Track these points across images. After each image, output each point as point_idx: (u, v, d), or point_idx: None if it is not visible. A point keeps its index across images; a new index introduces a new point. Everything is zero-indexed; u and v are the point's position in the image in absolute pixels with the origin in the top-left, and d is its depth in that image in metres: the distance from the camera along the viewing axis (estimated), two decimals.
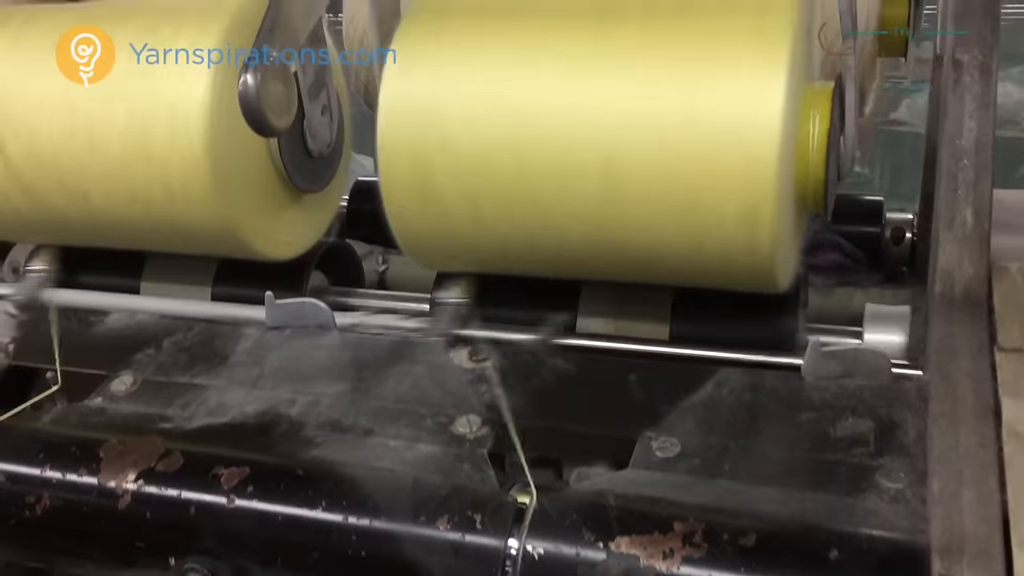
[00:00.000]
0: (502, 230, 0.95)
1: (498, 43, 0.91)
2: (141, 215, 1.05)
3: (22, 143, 1.05)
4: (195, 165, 0.99)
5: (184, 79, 0.99)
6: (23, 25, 1.08)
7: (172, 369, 1.02)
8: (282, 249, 1.12)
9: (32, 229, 1.15)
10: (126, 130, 1.00)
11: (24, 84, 1.05)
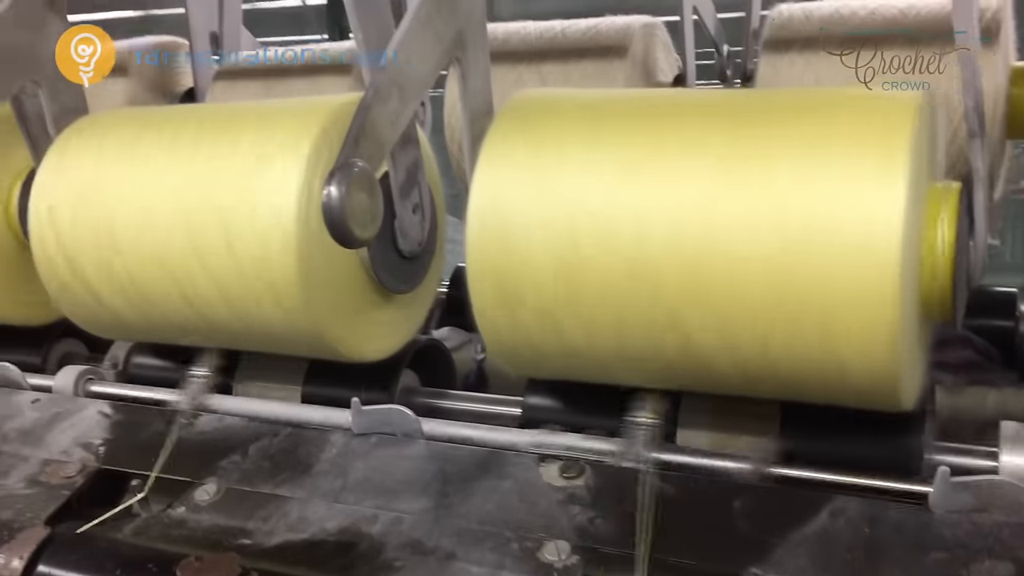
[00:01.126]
0: (591, 343, 0.89)
1: (594, 148, 0.87)
2: (234, 317, 1.04)
3: (133, 244, 1.05)
4: (285, 270, 0.97)
5: (275, 185, 0.98)
6: (140, 128, 1.10)
7: (256, 478, 0.99)
8: (373, 350, 1.10)
9: (136, 327, 1.15)
10: (223, 233, 1.00)
11: (138, 186, 1.05)
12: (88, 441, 1.09)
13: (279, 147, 0.99)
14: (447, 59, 0.95)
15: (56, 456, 1.07)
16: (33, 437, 1.11)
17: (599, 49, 1.63)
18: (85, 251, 1.07)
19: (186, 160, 1.03)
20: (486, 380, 1.69)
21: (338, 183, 0.80)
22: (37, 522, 0.95)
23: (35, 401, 1.19)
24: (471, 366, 1.69)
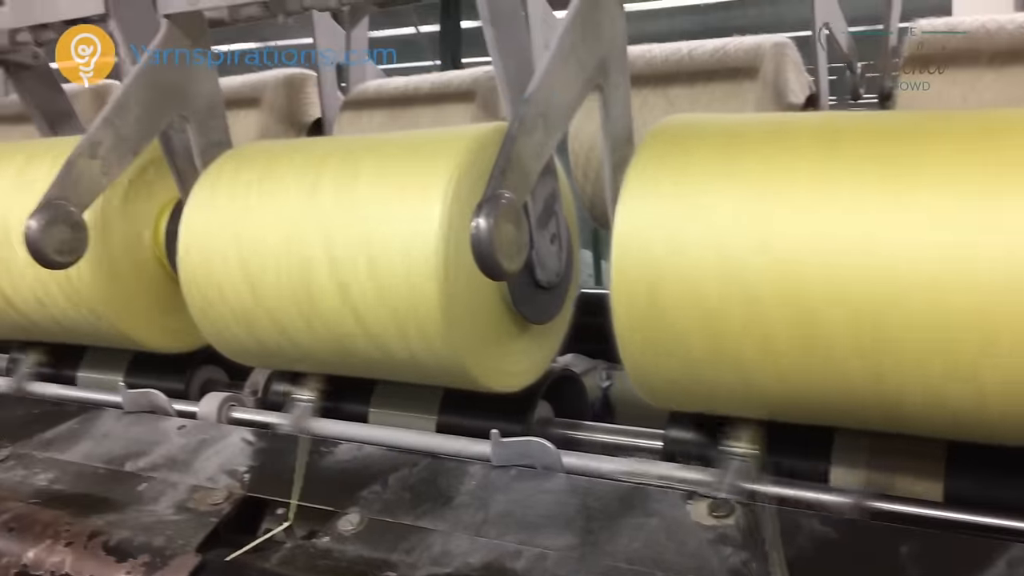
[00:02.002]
0: (748, 375, 0.86)
1: (750, 175, 0.84)
2: (375, 347, 1.04)
3: (276, 274, 1.07)
4: (427, 301, 0.98)
5: (417, 216, 0.98)
6: (283, 161, 1.12)
7: (397, 509, 0.99)
8: (510, 381, 1.09)
9: (279, 355, 1.17)
10: (366, 264, 1.01)
11: (281, 218, 1.07)
12: (233, 468, 1.11)
13: (421, 178, 1.00)
14: (589, 87, 0.94)
15: (203, 483, 1.10)
16: (181, 463, 1.14)
17: (728, 71, 1.59)
18: (231, 281, 1.10)
19: (328, 192, 1.05)
20: (612, 408, 1.67)
21: (487, 215, 0.79)
22: (188, 549, 0.97)
23: (181, 427, 1.22)
24: (596, 394, 1.66)
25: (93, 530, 1.02)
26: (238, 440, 1.17)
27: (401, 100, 1.90)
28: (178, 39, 1.17)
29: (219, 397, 1.24)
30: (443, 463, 1.05)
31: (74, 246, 1.06)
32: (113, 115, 1.11)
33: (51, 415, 1.31)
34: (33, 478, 1.17)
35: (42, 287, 1.24)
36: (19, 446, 1.24)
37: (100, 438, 1.24)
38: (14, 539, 1.04)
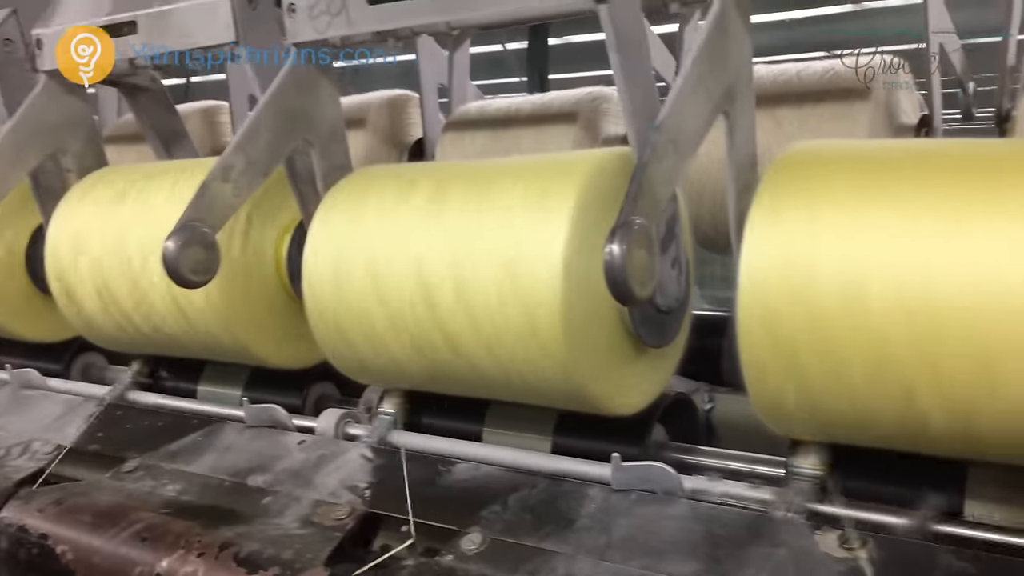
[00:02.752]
0: (881, 405, 0.85)
1: (884, 206, 0.83)
2: (497, 368, 1.06)
3: (396, 295, 1.09)
4: (551, 324, 0.99)
5: (542, 241, 0.99)
6: (404, 185, 1.15)
7: (519, 530, 1.00)
8: (627, 404, 1.09)
9: (398, 375, 1.20)
10: (491, 287, 1.02)
11: (404, 241, 1.10)
12: (354, 484, 1.14)
13: (544, 202, 1.01)
14: (717, 113, 0.94)
15: (326, 498, 1.12)
16: (302, 478, 1.17)
17: (839, 92, 1.57)
18: (357, 302, 1.13)
19: (453, 216, 1.07)
20: (715, 431, 1.65)
21: (620, 241, 0.80)
22: (317, 563, 0.99)
23: (301, 442, 1.25)
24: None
25: (224, 541, 1.05)
26: (357, 456, 1.20)
27: (503, 121, 1.92)
28: (305, 66, 1.21)
29: (336, 413, 1.27)
30: (562, 485, 1.06)
31: (208, 266, 1.11)
32: (244, 140, 1.16)
33: (175, 427, 1.36)
34: (161, 489, 1.21)
35: (174, 305, 1.29)
36: (146, 457, 1.29)
37: (223, 451, 1.28)
38: (147, 549, 1.08)
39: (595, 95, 1.87)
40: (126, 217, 1.35)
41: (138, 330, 1.38)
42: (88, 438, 1.38)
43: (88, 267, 1.37)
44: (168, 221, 1.30)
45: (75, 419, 1.45)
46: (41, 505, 1.20)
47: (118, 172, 1.48)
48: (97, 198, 1.41)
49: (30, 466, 1.33)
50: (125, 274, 1.33)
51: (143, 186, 1.37)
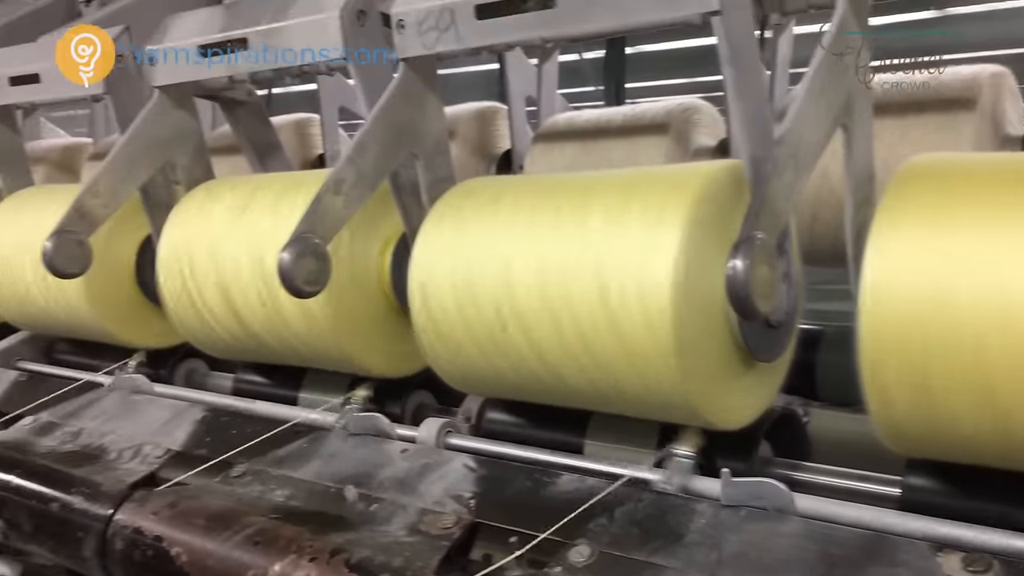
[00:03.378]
0: (1009, 425, 0.83)
1: (1018, 217, 0.81)
2: (604, 381, 1.06)
3: (504, 306, 1.10)
4: (662, 339, 0.98)
5: (653, 253, 0.99)
6: (511, 198, 1.16)
7: (627, 543, 1.00)
8: (734, 418, 1.08)
9: (499, 385, 1.20)
10: (599, 301, 1.02)
11: (510, 254, 1.11)
12: (458, 493, 1.15)
13: (656, 215, 1.01)
14: (836, 126, 0.93)
15: (430, 506, 1.14)
16: (407, 486, 1.19)
17: (942, 102, 1.54)
18: (460, 314, 1.14)
19: (558, 229, 1.07)
20: (810, 446, 1.62)
21: (743, 256, 0.80)
22: (427, 571, 1.00)
23: (404, 451, 1.27)
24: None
25: (334, 547, 1.07)
26: (460, 466, 1.21)
27: (592, 133, 1.92)
28: (413, 81, 1.23)
29: (437, 423, 1.28)
30: (668, 499, 1.06)
31: (319, 276, 1.13)
32: (355, 154, 1.18)
33: (279, 433, 1.38)
34: (270, 494, 1.24)
35: (279, 315, 1.32)
36: (253, 463, 1.32)
37: (328, 458, 1.30)
38: (260, 552, 1.11)
39: (686, 106, 1.86)
40: (235, 229, 1.39)
41: (244, 339, 1.41)
42: (196, 442, 1.42)
43: (198, 277, 1.41)
44: (274, 233, 1.35)
45: (182, 423, 1.49)
46: (155, 508, 1.24)
47: (226, 185, 1.52)
48: (206, 210, 1.45)
49: (142, 469, 1.37)
50: (234, 284, 1.37)
51: (251, 198, 1.41)
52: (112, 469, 1.38)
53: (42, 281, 1.64)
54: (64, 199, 1.72)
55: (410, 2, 1.20)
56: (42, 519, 1.35)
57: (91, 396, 1.66)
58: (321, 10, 1.29)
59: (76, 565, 1.32)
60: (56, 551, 1.35)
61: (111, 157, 1.47)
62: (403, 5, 1.20)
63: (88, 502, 1.30)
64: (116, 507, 1.27)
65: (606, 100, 4.67)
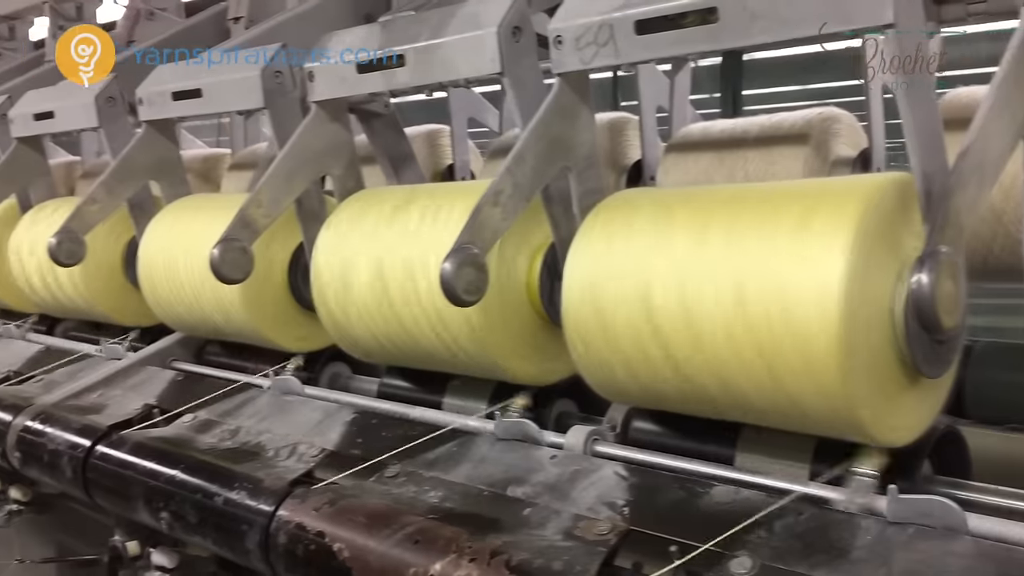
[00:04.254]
0: None
1: None
2: (765, 393, 1.06)
3: (671, 319, 1.11)
4: (827, 353, 0.98)
5: (820, 268, 0.99)
6: (668, 207, 1.17)
7: (788, 556, 1.00)
8: (899, 435, 1.07)
9: (659, 396, 1.21)
10: (762, 314, 1.03)
11: (673, 264, 1.11)
12: (611, 500, 1.17)
13: (823, 228, 1.00)
14: (1019, 138, 0.91)
15: (584, 513, 1.16)
16: (559, 492, 1.21)
17: None
18: (614, 327, 1.15)
19: (718, 242, 1.08)
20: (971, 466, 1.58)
21: (929, 270, 0.79)
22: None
23: (553, 457, 1.29)
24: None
25: (494, 549, 1.10)
26: (611, 473, 1.22)
27: (728, 143, 1.91)
28: (567, 95, 1.26)
29: (584, 430, 1.30)
30: (830, 513, 1.05)
31: (479, 286, 1.17)
32: (513, 165, 1.21)
33: (428, 437, 1.43)
34: (424, 495, 1.28)
35: (430, 324, 1.36)
36: (406, 464, 1.37)
37: (478, 462, 1.34)
38: (421, 551, 1.14)
39: (826, 116, 1.84)
40: (389, 238, 1.44)
41: (396, 344, 1.46)
42: (348, 443, 1.47)
43: (354, 284, 1.46)
44: (427, 243, 1.39)
45: (334, 424, 1.55)
46: (316, 504, 1.29)
47: (377, 195, 1.58)
48: (359, 220, 1.51)
49: (299, 467, 1.43)
50: (387, 293, 1.42)
51: (403, 209, 1.46)
52: (271, 466, 1.44)
53: (200, 286, 1.73)
54: (219, 208, 1.82)
55: (568, 18, 1.23)
56: (206, 512, 1.43)
57: (245, 396, 1.74)
58: (479, 27, 1.32)
59: (238, 557, 1.39)
60: (219, 543, 1.42)
61: (272, 169, 1.54)
62: (561, 21, 1.23)
63: (251, 498, 1.37)
64: (278, 503, 1.33)
65: (722, 107, 4.61)
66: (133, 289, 2.10)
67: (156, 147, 1.93)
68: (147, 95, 1.88)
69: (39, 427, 1.78)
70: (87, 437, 1.68)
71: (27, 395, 1.96)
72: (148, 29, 2.64)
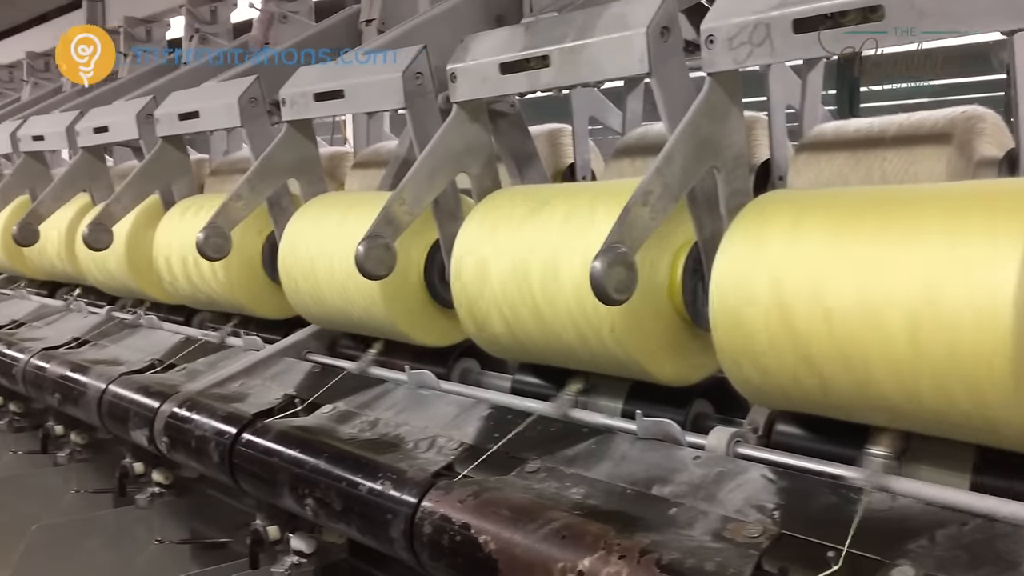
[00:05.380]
0: None
1: None
2: (927, 400, 1.04)
3: (818, 323, 1.11)
4: (998, 360, 0.96)
5: (989, 272, 0.96)
6: (843, 208, 1.15)
7: (953, 567, 0.97)
8: None
9: (811, 400, 1.20)
10: (929, 319, 1.01)
11: (852, 267, 1.09)
12: (760, 504, 1.16)
13: (992, 228, 0.98)
14: None
15: (732, 515, 1.15)
16: (705, 493, 1.21)
17: None
18: (761, 329, 1.15)
19: (886, 245, 1.06)
20: None
21: None
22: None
23: (696, 458, 1.29)
24: None
25: (643, 547, 1.11)
26: (758, 476, 1.21)
27: (864, 142, 1.87)
28: (718, 94, 1.25)
29: (727, 432, 1.30)
30: (996, 525, 1.02)
31: (628, 285, 1.17)
32: (663, 165, 1.22)
33: (567, 433, 1.44)
34: (566, 491, 1.30)
35: (584, 320, 1.37)
36: (546, 460, 1.39)
37: (619, 460, 1.34)
38: (568, 546, 1.16)
39: (970, 114, 1.78)
40: (531, 236, 1.46)
41: (535, 341, 1.48)
42: (486, 437, 1.50)
43: (493, 282, 1.49)
44: (572, 242, 1.40)
45: (470, 419, 1.58)
46: (460, 497, 1.32)
47: (517, 194, 1.60)
48: (499, 218, 1.54)
49: (440, 460, 1.46)
50: (529, 290, 1.44)
51: (545, 208, 1.47)
52: (412, 458, 1.48)
53: (344, 281, 1.79)
54: (357, 205, 1.88)
55: (720, 18, 1.22)
56: (351, 501, 1.47)
57: (381, 389, 1.79)
58: (627, 27, 1.33)
59: (381, 545, 1.43)
60: (363, 531, 1.47)
61: (415, 168, 1.58)
62: (713, 21, 1.23)
63: (395, 488, 1.40)
64: (422, 494, 1.36)
65: (838, 105, 4.49)
66: (270, 283, 2.18)
67: (297, 146, 2.00)
68: (290, 96, 1.95)
69: (186, 414, 1.87)
70: (233, 425, 1.76)
71: (172, 383, 2.05)
72: (282, 32, 2.73)
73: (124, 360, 2.31)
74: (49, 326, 2.83)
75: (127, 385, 2.11)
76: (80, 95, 3.36)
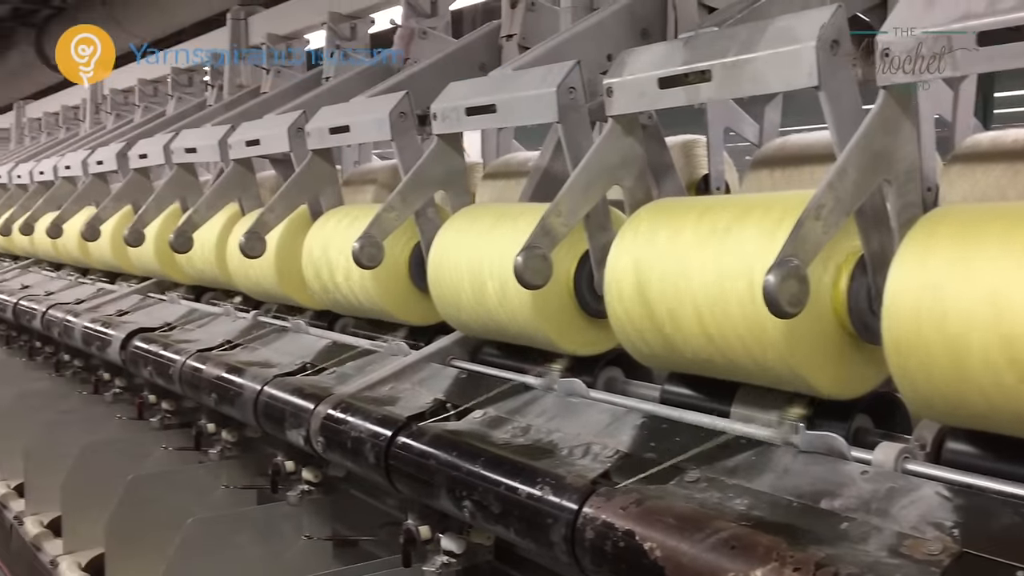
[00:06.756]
0: None
1: None
2: None
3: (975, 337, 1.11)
4: None
5: None
6: (990, 219, 1.14)
7: None
8: None
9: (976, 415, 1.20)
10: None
11: (995, 283, 1.10)
12: (938, 521, 1.14)
13: None
14: None
15: (907, 531, 1.14)
16: (876, 508, 1.20)
17: None
18: (955, 349, 1.14)
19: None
20: None
21: None
22: None
23: (864, 473, 1.28)
24: None
25: (818, 561, 1.11)
26: (932, 493, 1.20)
27: None
28: (892, 108, 1.25)
29: (895, 448, 1.28)
30: None
31: (800, 298, 1.18)
32: (835, 179, 1.22)
33: (727, 445, 1.45)
34: (729, 502, 1.30)
35: (749, 332, 1.38)
36: (704, 470, 1.40)
37: (781, 473, 1.34)
38: (738, 557, 1.17)
39: None
40: (683, 249, 1.48)
41: (697, 352, 1.49)
42: (642, 446, 1.52)
43: (651, 293, 1.51)
44: (736, 255, 1.41)
45: (623, 427, 1.60)
46: (623, 504, 1.34)
47: (673, 206, 1.62)
48: (656, 230, 1.56)
49: (596, 467, 1.49)
50: (696, 301, 1.45)
51: (695, 222, 1.49)
52: (569, 464, 1.51)
53: (500, 291, 1.83)
54: (506, 217, 1.93)
55: (897, 30, 1.22)
56: (510, 505, 1.51)
57: (530, 396, 1.83)
58: (795, 41, 1.33)
59: (541, 549, 1.46)
60: (522, 534, 1.50)
61: (571, 180, 1.61)
62: (889, 35, 1.22)
63: (555, 493, 1.43)
64: (583, 500, 1.39)
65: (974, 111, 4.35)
66: (415, 290, 2.26)
67: (446, 159, 2.07)
68: (441, 110, 2.01)
69: (341, 415, 1.95)
70: (388, 427, 1.82)
71: (324, 385, 2.14)
72: (421, 47, 2.82)
73: (275, 363, 2.41)
74: (200, 329, 2.98)
75: (282, 387, 2.21)
76: (227, 109, 3.54)
